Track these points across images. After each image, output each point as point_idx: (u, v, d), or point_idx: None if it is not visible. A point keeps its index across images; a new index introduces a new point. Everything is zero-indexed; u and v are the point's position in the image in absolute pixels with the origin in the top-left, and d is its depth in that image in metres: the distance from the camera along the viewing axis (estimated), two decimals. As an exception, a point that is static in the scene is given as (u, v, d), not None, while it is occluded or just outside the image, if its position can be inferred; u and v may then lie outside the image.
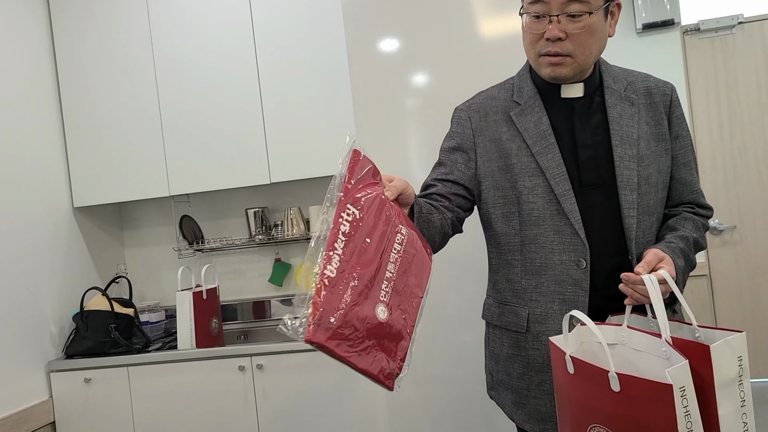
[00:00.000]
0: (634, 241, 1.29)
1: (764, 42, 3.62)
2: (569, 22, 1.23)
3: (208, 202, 3.09)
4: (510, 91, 1.43)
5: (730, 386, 1.04)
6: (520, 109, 1.38)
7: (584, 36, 1.25)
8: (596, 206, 1.31)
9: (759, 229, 3.66)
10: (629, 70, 1.42)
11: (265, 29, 2.66)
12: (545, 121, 1.34)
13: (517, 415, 1.42)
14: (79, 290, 2.77)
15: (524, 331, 1.38)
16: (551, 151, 1.32)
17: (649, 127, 1.35)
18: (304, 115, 2.64)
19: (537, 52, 1.30)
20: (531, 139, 1.35)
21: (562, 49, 1.26)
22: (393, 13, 2.11)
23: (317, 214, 2.81)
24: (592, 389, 1.08)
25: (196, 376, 2.46)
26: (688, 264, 1.28)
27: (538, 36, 1.28)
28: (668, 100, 1.37)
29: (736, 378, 1.04)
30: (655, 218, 1.35)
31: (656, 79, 1.40)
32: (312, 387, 2.38)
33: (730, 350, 1.04)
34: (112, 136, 2.80)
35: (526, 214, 1.35)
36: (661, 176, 1.34)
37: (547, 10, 1.24)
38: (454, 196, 1.40)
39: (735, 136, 3.67)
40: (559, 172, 1.31)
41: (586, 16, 1.23)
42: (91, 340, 2.54)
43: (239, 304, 3.01)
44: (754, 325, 3.67)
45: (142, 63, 2.76)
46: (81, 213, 2.89)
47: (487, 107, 1.43)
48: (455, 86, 2.05)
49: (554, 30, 1.24)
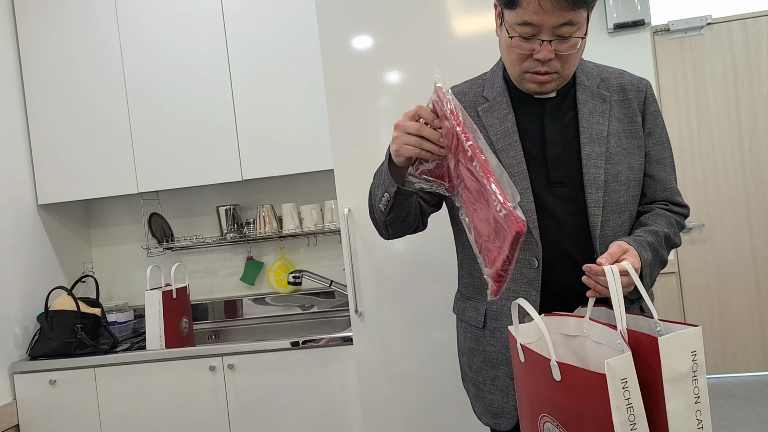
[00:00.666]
0: (599, 239, 1.28)
1: (732, 42, 3.69)
2: (559, 42, 1.21)
3: (178, 199, 3.03)
4: (481, 87, 1.42)
5: (681, 381, 1.02)
6: (488, 105, 1.37)
7: (572, 56, 1.25)
8: (563, 204, 1.30)
9: (726, 227, 3.73)
10: (603, 66, 1.41)
11: (238, 24, 2.62)
12: (510, 119, 1.34)
13: (476, 408, 1.46)
14: (43, 290, 2.69)
15: (482, 327, 1.40)
16: (513, 149, 1.32)
17: (621, 124, 1.34)
18: (277, 112, 2.61)
19: (524, 69, 1.27)
20: (495, 136, 1.34)
21: (551, 68, 1.25)
22: (366, 11, 2.09)
23: (290, 211, 2.78)
24: (539, 378, 1.08)
25: (166, 376, 2.41)
26: (657, 258, 1.27)
27: (525, 56, 1.25)
28: (642, 96, 1.36)
29: (689, 373, 1.02)
30: (627, 216, 1.34)
31: (631, 76, 1.39)
32: (284, 386, 2.35)
33: (682, 344, 1.02)
34: (79, 131, 2.73)
35: None
36: (632, 173, 1.33)
37: (538, 32, 1.20)
38: (421, 191, 1.39)
39: (703, 135, 3.73)
40: (518, 170, 1.30)
41: (575, 36, 1.21)
42: (57, 341, 2.48)
43: (210, 304, 2.96)
44: (721, 322, 3.74)
45: (109, 56, 2.70)
46: (45, 210, 2.81)
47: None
48: (428, 84, 2.04)
49: (545, 52, 1.21)
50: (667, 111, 3.75)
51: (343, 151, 2.12)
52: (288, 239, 2.96)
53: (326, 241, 2.94)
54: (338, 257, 2.91)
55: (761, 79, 3.66)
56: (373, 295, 2.11)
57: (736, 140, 3.70)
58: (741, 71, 3.68)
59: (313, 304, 2.89)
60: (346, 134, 2.11)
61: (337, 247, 2.92)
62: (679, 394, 1.02)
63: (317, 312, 2.88)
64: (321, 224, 2.78)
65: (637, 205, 1.37)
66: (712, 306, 3.75)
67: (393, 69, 2.09)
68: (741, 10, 3.70)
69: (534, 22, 1.18)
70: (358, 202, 2.11)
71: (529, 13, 1.18)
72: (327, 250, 2.94)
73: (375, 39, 2.09)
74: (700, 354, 1.03)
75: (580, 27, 1.20)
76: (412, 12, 2.07)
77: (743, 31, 3.66)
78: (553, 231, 1.30)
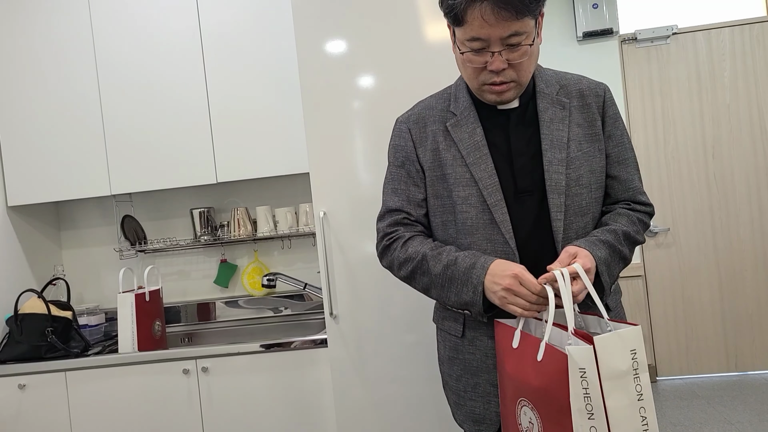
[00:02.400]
0: (561, 243, 1.32)
1: (696, 52, 3.80)
2: (510, 51, 1.26)
3: (151, 201, 3.01)
4: (447, 101, 1.46)
5: (621, 378, 1.06)
6: (456, 120, 1.41)
7: (525, 62, 1.29)
8: (531, 212, 1.34)
9: (691, 232, 3.84)
10: (563, 73, 1.45)
11: (213, 27, 2.62)
12: (479, 132, 1.38)
13: (457, 415, 1.48)
14: (13, 293, 2.65)
15: (461, 336, 1.43)
16: (484, 162, 1.36)
17: (582, 129, 1.37)
18: (252, 115, 2.61)
19: (481, 82, 1.32)
20: (465, 150, 1.38)
21: (507, 77, 1.29)
22: (343, 15, 2.11)
23: (264, 214, 2.79)
24: (526, 362, 1.14)
25: (138, 380, 2.39)
26: (615, 255, 1.31)
27: (479, 69, 1.30)
28: (601, 100, 1.40)
29: (629, 371, 1.06)
30: (590, 218, 1.38)
31: (589, 81, 1.43)
32: (258, 389, 2.35)
33: (621, 343, 1.06)
34: (50, 132, 2.70)
35: (461, 223, 1.38)
36: (594, 176, 1.37)
37: (487, 45, 1.25)
38: (425, 217, 1.47)
39: (669, 141, 3.84)
40: (491, 183, 1.34)
41: (524, 44, 1.25)
42: (26, 345, 2.44)
43: (183, 306, 2.95)
44: (686, 323, 3.84)
45: (82, 58, 2.68)
46: (15, 212, 2.77)
47: (425, 117, 1.46)
48: (403, 89, 2.07)
49: (497, 63, 1.26)
50: (634, 117, 3.85)
51: (319, 154, 2.14)
52: (262, 242, 2.96)
53: (300, 244, 2.95)
54: (312, 260, 2.93)
55: (724, 87, 3.77)
56: (347, 297, 2.13)
57: (700, 147, 3.81)
58: (705, 80, 3.79)
59: (287, 307, 2.89)
60: (321, 137, 2.13)
61: (312, 250, 2.93)
62: (620, 391, 1.06)
63: (291, 315, 2.89)
64: (296, 227, 2.79)
65: (600, 206, 1.41)
66: (677, 308, 3.85)
67: (368, 73, 2.11)
68: (705, 21, 3.82)
69: (481, 36, 1.24)
70: (334, 205, 2.13)
71: (475, 28, 1.23)
72: (301, 253, 2.95)
73: (351, 43, 2.12)
74: (641, 352, 1.07)
75: (528, 35, 1.25)
76: (387, 17, 2.10)
77: (707, 42, 3.78)
78: (524, 239, 1.34)
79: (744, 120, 3.76)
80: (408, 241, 1.42)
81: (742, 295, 3.79)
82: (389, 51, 2.10)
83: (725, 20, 3.79)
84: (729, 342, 3.80)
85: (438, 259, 1.35)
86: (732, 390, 3.54)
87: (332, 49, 2.12)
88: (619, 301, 1.46)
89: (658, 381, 3.82)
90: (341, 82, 2.12)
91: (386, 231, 1.46)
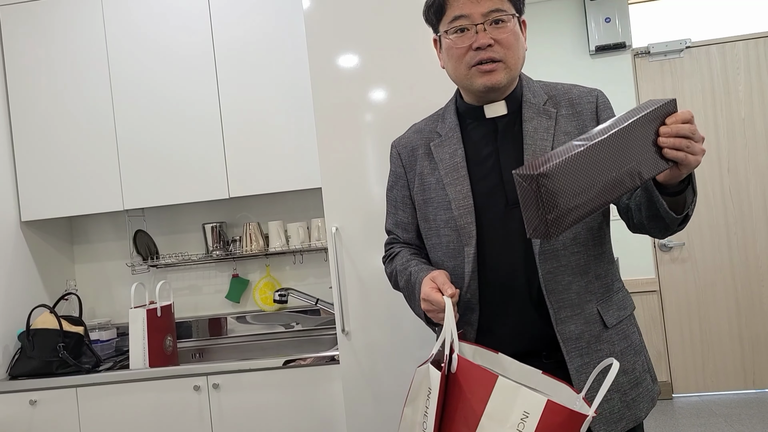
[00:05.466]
0: (539, 256, 1.28)
1: (710, 65, 3.78)
2: (494, 29, 1.27)
3: (163, 216, 3.02)
4: (436, 122, 1.46)
5: (503, 424, 1.04)
6: (440, 140, 1.42)
7: (511, 39, 1.29)
8: (521, 224, 1.29)
9: (707, 246, 3.79)
10: (553, 84, 1.42)
11: (226, 44, 2.63)
12: (460, 153, 1.37)
13: None
14: (25, 308, 2.65)
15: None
16: (460, 183, 1.35)
17: (570, 137, 1.33)
18: (265, 130, 2.61)
19: (468, 64, 1.30)
20: (444, 170, 1.38)
21: (495, 54, 1.28)
22: (355, 29, 2.11)
23: (276, 229, 2.78)
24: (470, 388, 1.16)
25: (149, 396, 2.38)
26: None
27: (465, 49, 1.30)
28: (594, 106, 1.36)
29: (514, 426, 1.04)
30: (580, 226, 1.31)
31: (580, 89, 1.39)
32: (270, 406, 2.33)
33: (516, 399, 1.04)
34: (64, 147, 2.71)
35: (444, 246, 1.38)
36: None
37: (471, 22, 1.27)
38: (416, 239, 1.50)
39: (683, 156, 3.80)
40: (464, 204, 1.33)
41: (508, 22, 1.28)
42: (38, 360, 2.44)
43: (195, 321, 2.94)
44: (702, 339, 3.78)
45: (97, 74, 2.69)
46: (29, 227, 2.78)
47: (414, 141, 1.48)
48: (415, 103, 2.06)
49: (483, 37, 1.27)
50: (648, 132, 3.81)
51: (331, 170, 2.13)
52: (274, 257, 2.95)
53: (312, 259, 2.94)
54: (324, 275, 2.91)
55: (739, 101, 3.74)
56: (359, 314, 2.11)
57: (715, 161, 3.77)
58: (719, 93, 3.76)
59: (298, 322, 2.88)
60: (334, 152, 2.12)
61: (323, 265, 2.92)
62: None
63: (303, 330, 2.87)
64: (308, 242, 2.78)
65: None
66: (693, 324, 3.79)
67: (381, 87, 2.11)
68: (719, 35, 3.80)
69: (464, 13, 1.27)
70: (346, 221, 2.12)
71: (457, 8, 1.28)
72: (313, 268, 2.94)
73: (363, 57, 2.11)
74: (531, 421, 1.03)
75: (506, 12, 1.28)
76: (399, 31, 2.09)
77: (721, 55, 3.75)
78: (513, 252, 1.31)
79: (760, 134, 3.73)
80: (394, 257, 1.49)
81: (760, 311, 3.73)
82: (401, 65, 2.10)
83: (739, 34, 3.76)
84: (747, 359, 3.74)
85: (402, 274, 1.42)
86: (750, 408, 3.47)
87: (345, 64, 2.12)
88: (626, 316, 1.37)
89: (674, 398, 3.76)
90: (354, 97, 2.11)
91: (385, 248, 1.57)
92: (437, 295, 1.23)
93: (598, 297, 1.32)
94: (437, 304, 1.23)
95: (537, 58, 3.85)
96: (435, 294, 1.23)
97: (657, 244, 3.80)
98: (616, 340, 1.33)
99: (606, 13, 3.72)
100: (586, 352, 1.29)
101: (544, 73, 3.82)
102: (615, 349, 1.32)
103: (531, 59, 3.85)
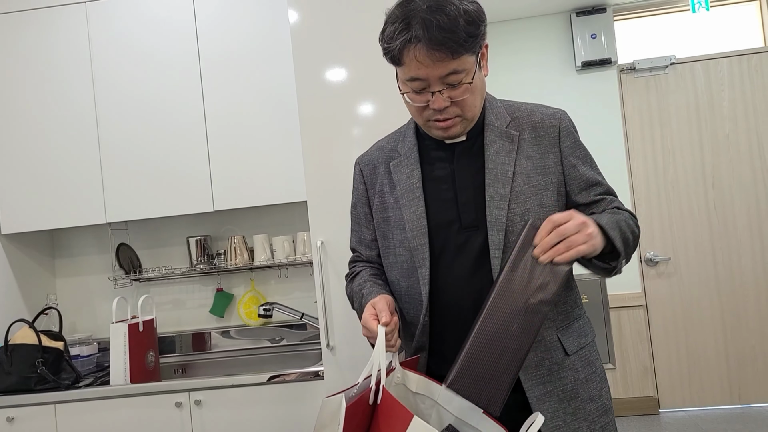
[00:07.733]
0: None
1: (694, 82, 3.81)
2: (451, 90, 1.22)
3: (147, 229, 2.98)
4: (397, 141, 1.45)
5: None
6: (399, 160, 1.41)
7: (468, 99, 1.25)
8: (475, 248, 1.29)
9: (692, 261, 3.81)
10: (517, 104, 1.39)
11: (211, 55, 2.62)
12: (416, 174, 1.36)
13: None
14: (4, 322, 2.60)
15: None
16: (415, 205, 1.34)
17: (532, 162, 1.31)
18: (250, 143, 2.60)
19: (425, 119, 1.29)
20: (401, 191, 1.37)
21: (450, 114, 1.26)
22: (341, 43, 2.11)
23: (262, 242, 2.75)
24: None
25: (130, 413, 2.33)
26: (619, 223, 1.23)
27: (422, 107, 1.27)
28: (555, 132, 1.33)
29: None
30: None
31: (543, 112, 1.36)
32: (253, 423, 2.29)
33: None
34: (45, 158, 2.68)
35: (399, 266, 1.37)
36: (543, 210, 1.29)
37: (427, 85, 1.22)
38: (378, 257, 1.48)
39: (668, 170, 3.83)
40: (418, 226, 1.32)
41: (466, 81, 1.22)
42: (16, 376, 2.39)
43: (178, 336, 2.90)
44: (688, 354, 3.79)
45: (80, 83, 2.67)
46: (9, 240, 2.74)
47: (376, 159, 1.47)
48: (401, 118, 2.05)
49: (439, 101, 1.23)
50: (633, 147, 3.84)
51: (317, 183, 2.11)
52: (259, 271, 2.92)
53: (298, 273, 2.91)
54: (309, 289, 2.89)
55: (723, 117, 3.78)
56: (344, 328, 2.09)
57: (699, 176, 3.80)
58: (704, 110, 3.79)
59: (283, 337, 2.84)
60: (319, 166, 2.11)
61: (309, 279, 2.89)
62: None
63: (288, 345, 2.83)
64: (293, 256, 2.75)
65: None
66: (679, 339, 3.80)
67: (367, 101, 2.10)
68: (703, 51, 3.84)
69: (420, 76, 1.21)
70: (332, 235, 2.10)
71: (413, 69, 1.21)
72: (298, 282, 2.91)
73: (350, 71, 2.11)
74: None
75: (468, 72, 1.21)
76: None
77: (705, 72, 3.79)
78: (466, 276, 1.29)
79: (743, 149, 3.76)
80: (355, 277, 1.47)
81: (745, 325, 3.74)
82: (387, 79, 2.09)
83: (723, 51, 3.81)
84: (732, 374, 3.75)
85: (357, 296, 1.40)
86: (736, 423, 3.47)
87: (331, 77, 2.12)
88: (587, 343, 1.35)
89: (661, 413, 3.75)
90: (339, 111, 2.10)
91: (348, 267, 1.55)
92: (373, 323, 1.21)
93: (558, 324, 1.30)
94: (371, 332, 1.21)
95: (523, 74, 3.87)
96: (371, 321, 1.22)
97: (643, 259, 3.81)
98: (579, 366, 1.31)
99: (592, 29, 3.76)
100: (549, 380, 1.27)
101: (531, 89, 3.85)
102: (579, 376, 1.30)
103: (517, 75, 3.88)
